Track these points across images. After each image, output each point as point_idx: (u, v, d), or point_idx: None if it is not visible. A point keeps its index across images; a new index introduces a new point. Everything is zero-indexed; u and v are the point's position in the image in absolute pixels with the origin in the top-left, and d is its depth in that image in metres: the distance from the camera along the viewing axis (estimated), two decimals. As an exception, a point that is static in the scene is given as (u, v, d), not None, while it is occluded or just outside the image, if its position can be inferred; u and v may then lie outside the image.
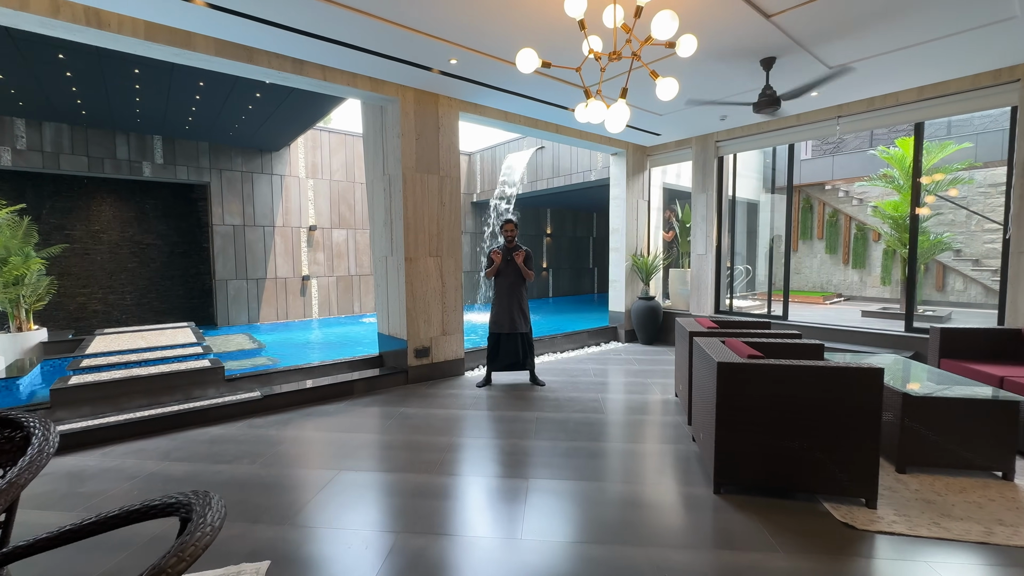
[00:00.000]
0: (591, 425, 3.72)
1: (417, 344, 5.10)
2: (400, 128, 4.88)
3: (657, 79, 2.62)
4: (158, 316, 9.35)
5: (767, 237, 13.55)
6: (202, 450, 3.22)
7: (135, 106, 6.54)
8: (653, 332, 7.43)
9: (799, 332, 3.49)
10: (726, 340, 3.10)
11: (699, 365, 2.98)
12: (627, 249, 7.63)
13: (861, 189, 12.09)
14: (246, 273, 9.53)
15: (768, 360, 2.46)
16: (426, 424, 3.76)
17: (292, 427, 3.68)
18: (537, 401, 4.38)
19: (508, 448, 3.28)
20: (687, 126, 6.45)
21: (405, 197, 4.95)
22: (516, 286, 4.91)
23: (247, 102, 6.38)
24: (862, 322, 7.25)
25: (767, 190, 12.69)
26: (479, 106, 5.50)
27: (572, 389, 4.79)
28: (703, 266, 7.12)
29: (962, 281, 10.02)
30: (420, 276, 5.10)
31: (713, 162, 6.93)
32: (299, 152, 10.17)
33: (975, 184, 10.11)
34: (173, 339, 6.35)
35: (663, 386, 4.87)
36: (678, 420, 3.81)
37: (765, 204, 13.24)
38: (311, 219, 10.48)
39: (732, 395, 2.48)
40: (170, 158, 8.52)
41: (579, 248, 16.76)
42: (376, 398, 4.51)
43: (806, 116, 5.85)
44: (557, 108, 5.55)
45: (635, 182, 7.68)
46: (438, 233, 5.24)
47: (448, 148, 5.28)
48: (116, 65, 5.17)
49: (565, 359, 6.32)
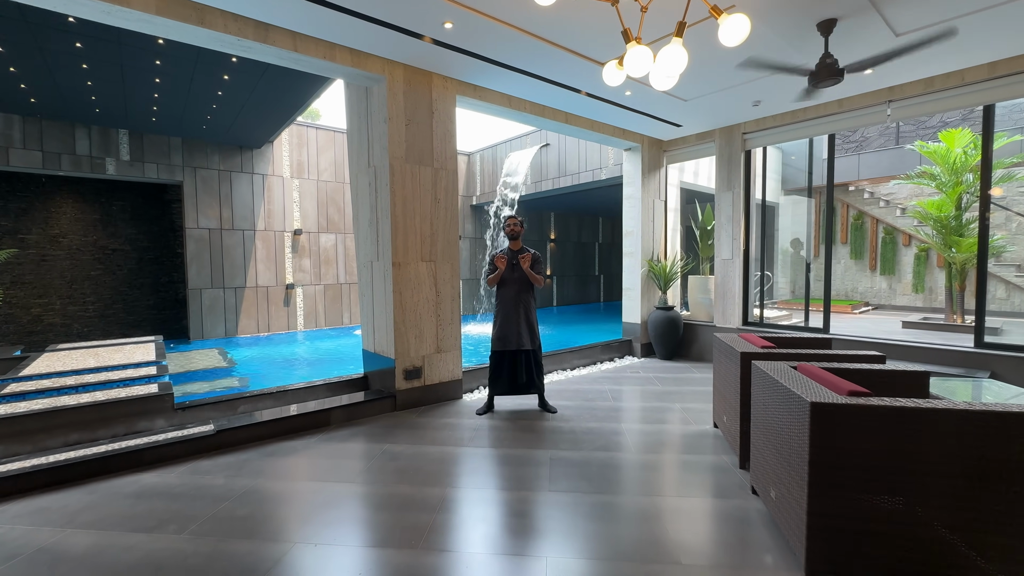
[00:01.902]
0: (619, 469, 3.05)
1: (407, 364, 4.44)
2: (387, 112, 4.26)
3: (722, 16, 2.00)
4: (124, 329, 8.67)
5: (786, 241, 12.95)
6: (121, 510, 2.54)
7: (88, 92, 5.93)
8: (673, 346, 6.78)
9: (882, 354, 2.83)
10: (799, 366, 2.44)
11: (769, 400, 2.32)
12: (642, 254, 6.99)
13: (887, 190, 11.51)
14: (223, 281, 8.87)
15: (886, 401, 1.80)
16: (414, 467, 3.09)
17: (246, 473, 3.00)
18: (549, 434, 3.71)
19: (517, 505, 2.61)
20: (712, 115, 5.84)
21: (393, 192, 4.31)
22: (523, 296, 4.26)
23: (215, 87, 5.76)
24: (910, 335, 6.60)
25: (785, 190, 12.11)
26: (479, 88, 4.89)
27: (589, 417, 4.12)
28: (729, 272, 6.48)
29: (1004, 288, 9.39)
30: (410, 284, 4.45)
31: (740, 156, 6.33)
32: (283, 150, 9.57)
33: (1013, 181, 9.52)
34: (129, 357, 5.67)
35: (695, 413, 4.20)
36: (725, 461, 3.14)
37: (784, 206, 12.65)
38: (296, 222, 9.85)
39: (833, 448, 1.82)
40: (137, 155, 7.89)
41: (585, 254, 16.14)
42: (357, 430, 3.84)
43: (849, 101, 5.25)
44: (568, 91, 4.94)
45: (651, 180, 7.07)
46: (431, 234, 4.60)
47: (443, 136, 4.66)
48: (53, 38, 4.53)
49: (576, 378, 5.65)
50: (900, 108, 4.99)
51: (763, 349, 3.02)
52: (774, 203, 11.41)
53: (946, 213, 7.26)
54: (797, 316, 9.16)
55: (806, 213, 12.54)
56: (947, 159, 7.21)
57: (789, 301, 11.55)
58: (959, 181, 7.16)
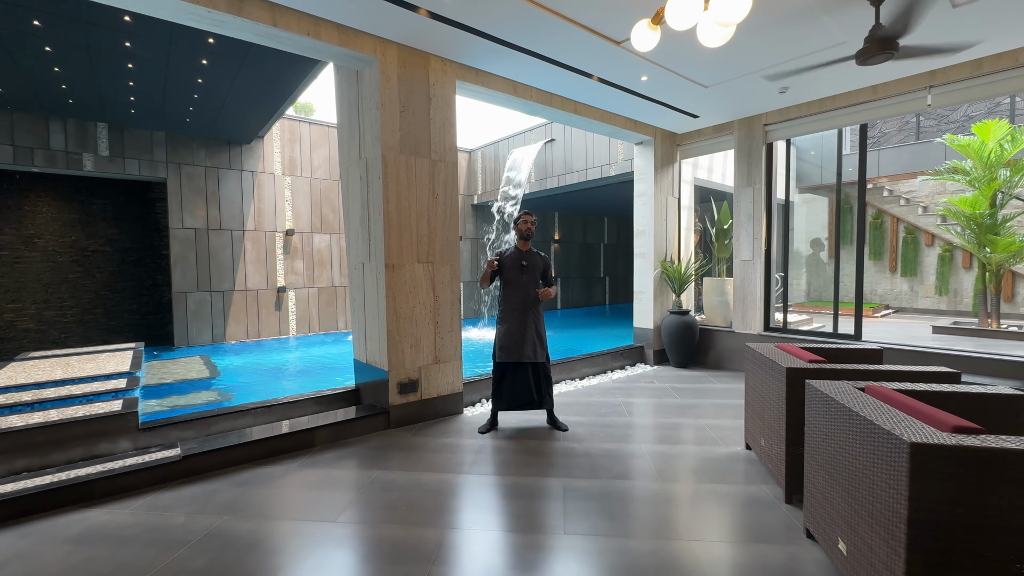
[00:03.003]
0: (644, 503, 2.66)
1: (401, 376, 4.05)
2: (379, 97, 3.88)
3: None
4: (105, 336, 8.29)
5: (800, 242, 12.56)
6: (56, 559, 2.16)
7: (57, 79, 5.55)
8: (688, 353, 6.39)
9: (955, 371, 2.44)
10: (868, 388, 2.06)
11: (835, 430, 1.93)
12: (655, 254, 6.61)
13: (907, 188, 11.12)
14: (209, 284, 8.49)
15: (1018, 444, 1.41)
16: (408, 501, 2.70)
17: (212, 509, 2.61)
18: (560, 457, 3.32)
19: (527, 553, 2.22)
20: (733, 103, 5.46)
21: (386, 186, 3.93)
22: (532, 301, 3.88)
23: (193, 73, 5.38)
24: (944, 341, 6.21)
25: (799, 188, 11.73)
26: (481, 73, 4.51)
27: (604, 436, 3.73)
28: (749, 274, 6.10)
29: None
30: (405, 288, 4.07)
31: (761, 149, 5.95)
32: (274, 145, 9.20)
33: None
34: (102, 367, 5.29)
35: (722, 432, 3.81)
36: (766, 493, 2.75)
37: (798, 204, 12.27)
38: (288, 222, 9.48)
39: (944, 503, 1.43)
40: (117, 150, 7.52)
41: (590, 255, 15.76)
42: (344, 453, 3.45)
43: (884, 88, 4.86)
44: (578, 76, 4.56)
45: (663, 176, 6.69)
46: (429, 233, 4.22)
47: (442, 125, 4.28)
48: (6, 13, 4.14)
49: (586, 388, 5.27)
50: (943, 94, 4.60)
51: (812, 364, 2.63)
52: (790, 201, 11.04)
53: (980, 211, 6.87)
54: (818, 320, 8.77)
55: (827, 211, 12.16)
56: (980, 153, 6.81)
57: (805, 304, 11.16)
58: (993, 176, 6.78)
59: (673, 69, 4.41)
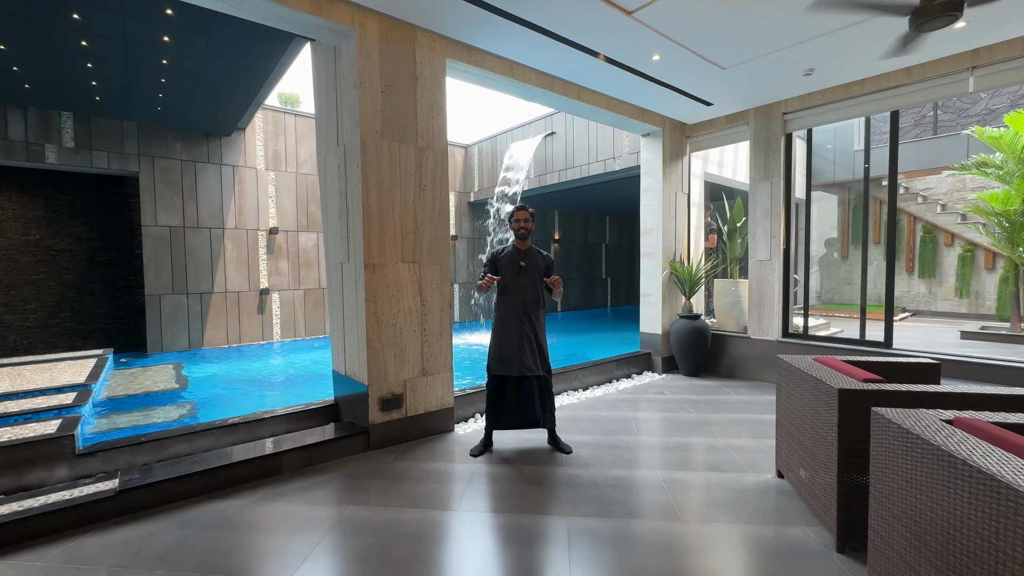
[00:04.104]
0: (665, 552, 2.24)
1: (383, 391, 3.62)
2: (358, 75, 3.46)
3: None
4: (73, 341, 7.83)
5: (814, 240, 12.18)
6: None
7: (6, 60, 5.09)
8: (699, 360, 5.98)
9: (1048, 393, 2.03)
10: (959, 421, 1.64)
11: (926, 479, 1.52)
12: (663, 254, 6.20)
13: (924, 184, 10.74)
14: (186, 286, 8.04)
15: None
16: (382, 549, 2.27)
17: (141, 562, 2.18)
18: (564, 488, 2.90)
19: (528, 624, 1.79)
20: (750, 89, 5.06)
21: (365, 175, 3.51)
22: (530, 308, 3.46)
23: (155, 53, 4.93)
24: (976, 348, 5.81)
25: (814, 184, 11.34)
26: (474, 51, 4.09)
27: (612, 459, 3.31)
28: (766, 275, 5.69)
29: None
30: (388, 291, 3.65)
31: (779, 140, 5.55)
32: (257, 138, 8.76)
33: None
34: (56, 378, 4.86)
35: (745, 453, 3.39)
36: (810, 537, 2.33)
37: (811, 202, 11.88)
38: (272, 220, 9.04)
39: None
40: (84, 141, 7.07)
41: (591, 256, 15.35)
42: (314, 482, 3.02)
43: (920, 70, 4.47)
44: (583, 54, 4.14)
45: (672, 170, 6.28)
46: (415, 229, 3.79)
47: (430, 108, 3.86)
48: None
49: (591, 401, 4.86)
50: (986, 76, 4.20)
51: (868, 384, 2.22)
52: (798, 198, 10.65)
53: (1012, 207, 6.48)
54: (835, 324, 8.36)
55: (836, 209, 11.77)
56: (1013, 146, 6.42)
57: (817, 307, 10.77)
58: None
59: (689, 46, 4.00)
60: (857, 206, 11.34)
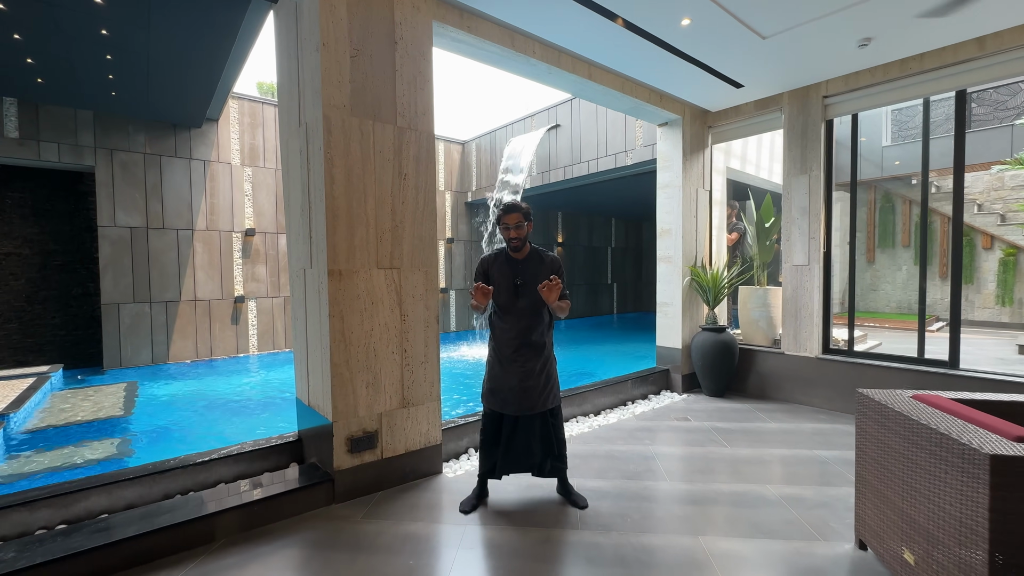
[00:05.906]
0: None
1: (353, 428, 2.97)
2: (320, 35, 2.83)
3: None
4: (21, 355, 7.15)
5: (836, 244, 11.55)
6: None
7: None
8: (725, 379, 5.34)
9: None
10: None
11: None
12: (683, 259, 5.56)
13: (958, 183, 10.12)
14: (149, 294, 7.38)
15: None
16: None
17: None
18: (581, 564, 2.24)
19: None
20: (789, 66, 4.44)
21: (329, 159, 2.87)
22: (532, 331, 2.79)
23: (91, 20, 4.24)
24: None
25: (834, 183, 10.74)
26: (467, 15, 3.47)
27: (639, 518, 2.66)
28: (804, 282, 5.07)
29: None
30: (358, 304, 2.99)
31: (819, 127, 4.95)
32: (231, 130, 8.13)
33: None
34: (-28, 404, 4.20)
35: (805, 508, 2.73)
36: (940, 659, 1.67)
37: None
38: (248, 220, 8.40)
39: None
40: (30, 131, 6.43)
41: (596, 260, 14.72)
42: (255, 553, 2.36)
43: (996, 39, 3.85)
44: (598, 18, 3.51)
45: (692, 164, 5.66)
46: (393, 228, 3.15)
47: (413, 80, 3.22)
48: None
49: (604, 429, 4.21)
50: (1081, 45, 3.58)
51: (1027, 445, 1.56)
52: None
53: (1076, 206, 5.84)
54: (873, 338, 7.70)
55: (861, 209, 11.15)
56: (1077, 136, 5.79)
57: (840, 315, 10.12)
58: (1092, 164, 5.77)
59: (726, 6, 3.37)
60: (884, 207, 10.72)
